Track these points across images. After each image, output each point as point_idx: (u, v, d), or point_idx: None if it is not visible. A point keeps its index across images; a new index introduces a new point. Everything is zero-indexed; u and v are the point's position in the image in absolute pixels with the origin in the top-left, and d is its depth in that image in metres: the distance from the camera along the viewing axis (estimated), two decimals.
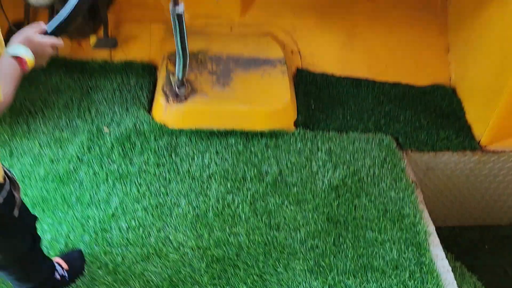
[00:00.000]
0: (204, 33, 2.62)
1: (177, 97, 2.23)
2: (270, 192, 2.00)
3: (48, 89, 2.38)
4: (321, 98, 2.53)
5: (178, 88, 2.22)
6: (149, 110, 2.34)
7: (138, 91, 2.42)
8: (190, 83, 2.29)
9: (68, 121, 2.23)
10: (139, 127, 2.21)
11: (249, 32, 2.67)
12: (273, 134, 2.25)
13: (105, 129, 2.20)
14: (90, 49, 2.51)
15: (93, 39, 2.48)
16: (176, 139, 2.19)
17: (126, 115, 2.28)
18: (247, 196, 1.98)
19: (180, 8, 1.75)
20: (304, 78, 2.62)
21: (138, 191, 1.96)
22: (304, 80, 2.61)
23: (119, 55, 2.56)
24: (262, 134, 2.24)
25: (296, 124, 2.35)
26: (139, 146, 2.13)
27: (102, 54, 2.54)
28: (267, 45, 2.60)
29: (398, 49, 2.69)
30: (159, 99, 2.25)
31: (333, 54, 2.68)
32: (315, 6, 2.70)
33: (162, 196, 1.95)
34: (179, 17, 1.78)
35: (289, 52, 2.67)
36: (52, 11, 2.29)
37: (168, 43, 2.52)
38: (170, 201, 1.93)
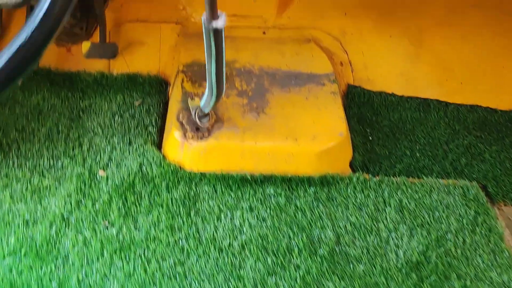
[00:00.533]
0: (229, 38, 2.04)
1: (198, 131, 1.66)
2: (326, 272, 1.46)
3: (26, 112, 1.82)
4: (380, 126, 1.97)
5: (199, 118, 1.66)
6: (159, 143, 1.78)
7: (144, 115, 1.86)
8: (214, 110, 1.72)
9: (51, 161, 1.67)
10: (146, 170, 1.66)
11: (287, 36, 2.11)
12: (324, 181, 1.69)
13: (101, 173, 1.65)
14: (83, 58, 1.95)
15: (86, 45, 1.93)
16: (196, 188, 1.63)
17: (129, 151, 1.73)
18: (296, 279, 1.43)
19: (220, 22, 1.13)
20: (356, 97, 2.05)
21: (146, 271, 1.41)
22: (356, 101, 2.04)
23: (120, 66, 2.01)
24: (309, 181, 1.69)
25: (352, 165, 1.79)
26: (147, 199, 1.58)
27: (97, 65, 1.99)
28: (311, 55, 2.03)
29: (476, 62, 2.12)
30: (173, 133, 1.68)
31: (394, 67, 2.11)
32: (371, 4, 2.12)
33: (178, 279, 1.40)
34: (217, 33, 1.17)
35: (337, 64, 2.10)
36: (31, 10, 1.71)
37: (183, 51, 1.96)
38: (190, 287, 1.39)
